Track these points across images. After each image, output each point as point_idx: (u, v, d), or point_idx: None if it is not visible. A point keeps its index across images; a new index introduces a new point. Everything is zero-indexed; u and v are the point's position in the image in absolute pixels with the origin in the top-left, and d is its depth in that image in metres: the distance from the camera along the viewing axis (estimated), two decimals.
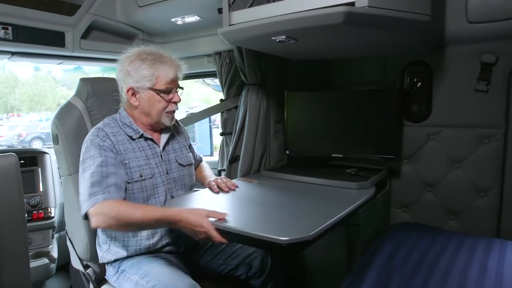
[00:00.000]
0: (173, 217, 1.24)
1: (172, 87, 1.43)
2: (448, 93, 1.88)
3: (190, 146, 1.70)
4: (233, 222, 1.19)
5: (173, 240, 1.49)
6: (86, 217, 1.31)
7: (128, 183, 1.38)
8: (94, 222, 1.27)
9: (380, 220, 2.07)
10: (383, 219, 2.10)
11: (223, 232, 1.18)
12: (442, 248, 1.52)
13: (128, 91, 1.42)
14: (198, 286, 1.29)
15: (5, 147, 11.07)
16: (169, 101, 1.44)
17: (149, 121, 1.47)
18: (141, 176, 1.41)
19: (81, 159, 1.37)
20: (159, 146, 1.50)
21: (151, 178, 1.43)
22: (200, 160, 1.83)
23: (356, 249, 1.78)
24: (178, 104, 1.49)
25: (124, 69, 1.42)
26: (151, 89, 1.40)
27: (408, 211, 2.08)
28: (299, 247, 1.10)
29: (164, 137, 1.53)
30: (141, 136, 1.46)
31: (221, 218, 1.21)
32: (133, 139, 1.44)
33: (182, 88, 1.51)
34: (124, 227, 1.29)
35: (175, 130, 1.61)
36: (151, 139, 1.48)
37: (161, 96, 1.41)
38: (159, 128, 1.53)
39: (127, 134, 1.44)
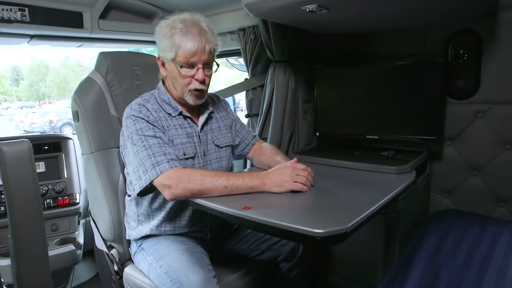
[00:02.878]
0: (257, 179, 1.18)
1: (195, 61, 1.27)
2: (500, 66, 1.66)
3: (236, 125, 1.59)
4: (260, 213, 1.08)
5: (200, 227, 1.45)
6: (142, 193, 1.26)
7: None
8: (172, 192, 1.17)
9: (420, 207, 1.91)
10: (423, 206, 1.94)
11: (250, 223, 1.07)
12: (494, 239, 1.36)
13: (158, 59, 1.36)
14: (212, 278, 1.23)
15: (38, 133, 11.52)
16: (191, 77, 1.30)
17: (176, 95, 1.37)
18: (184, 154, 1.35)
19: (126, 134, 1.30)
20: (197, 126, 1.42)
21: (192, 158, 1.37)
22: (256, 139, 1.64)
23: (395, 239, 1.64)
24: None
25: (156, 38, 1.33)
26: (173, 61, 1.29)
27: (450, 197, 1.91)
28: (336, 240, 0.97)
29: (202, 117, 1.44)
30: (180, 113, 1.38)
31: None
32: (173, 117, 1.37)
33: (218, 65, 1.37)
34: (205, 193, 1.18)
35: (215, 108, 1.51)
36: (190, 118, 1.40)
37: (179, 71, 1.29)
38: (190, 105, 1.41)
39: (165, 111, 1.36)
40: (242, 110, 4.43)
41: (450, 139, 1.86)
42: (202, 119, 1.43)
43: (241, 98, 3.39)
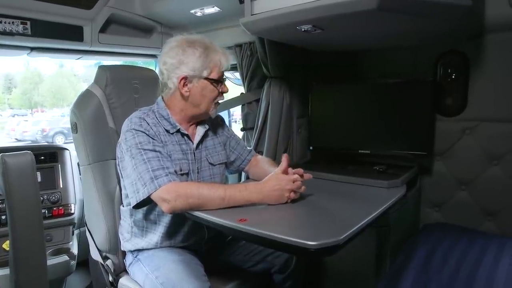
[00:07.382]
0: (256, 196, 1.23)
1: (222, 76, 1.40)
2: (486, 85, 1.74)
3: (231, 142, 1.62)
4: (256, 225, 1.11)
5: (196, 240, 1.47)
6: (138, 205, 1.28)
7: None
8: (170, 206, 1.20)
9: (411, 221, 1.95)
10: (414, 219, 1.99)
11: (245, 234, 1.10)
12: (481, 252, 1.40)
13: (180, 80, 1.35)
14: None
15: (29, 142, 11.41)
16: (220, 91, 1.40)
17: (196, 112, 1.41)
18: (180, 170, 1.37)
19: (124, 147, 1.32)
20: (192, 143, 1.45)
21: (186, 174, 1.40)
22: (252, 155, 1.67)
23: (386, 251, 1.68)
24: None
25: (177, 58, 1.34)
26: (206, 78, 1.35)
27: (440, 211, 1.96)
28: (328, 252, 1.01)
29: (199, 135, 1.47)
30: (178, 130, 1.41)
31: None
32: (170, 133, 1.40)
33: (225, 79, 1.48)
34: (203, 206, 1.21)
35: (211, 125, 1.54)
36: (187, 135, 1.43)
37: (214, 86, 1.37)
38: (198, 120, 1.46)
39: (163, 127, 1.39)
40: (236, 122, 4.48)
41: (439, 154, 1.91)
42: (198, 137, 1.46)
43: (235, 109, 3.43)
